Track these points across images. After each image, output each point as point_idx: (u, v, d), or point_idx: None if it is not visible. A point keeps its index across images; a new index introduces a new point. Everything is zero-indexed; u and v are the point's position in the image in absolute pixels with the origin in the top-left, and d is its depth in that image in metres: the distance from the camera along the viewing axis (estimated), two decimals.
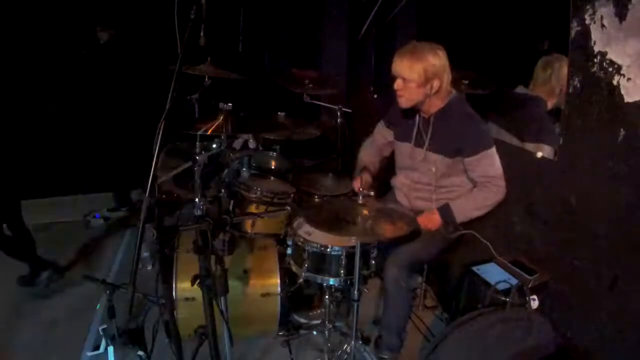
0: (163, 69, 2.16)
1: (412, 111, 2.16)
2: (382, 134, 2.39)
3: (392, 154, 2.39)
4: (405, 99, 2.03)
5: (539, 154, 2.14)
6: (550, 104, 2.34)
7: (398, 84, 2.01)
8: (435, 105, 2.07)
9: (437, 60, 1.96)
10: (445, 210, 2.08)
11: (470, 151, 2.00)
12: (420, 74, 1.95)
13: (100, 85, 3.61)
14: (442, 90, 2.02)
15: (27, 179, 4.12)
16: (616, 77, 1.64)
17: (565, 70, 2.25)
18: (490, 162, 2.01)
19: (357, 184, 2.25)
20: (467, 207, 2.08)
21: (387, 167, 2.48)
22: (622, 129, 1.65)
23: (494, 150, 2.01)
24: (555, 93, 2.32)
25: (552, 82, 2.32)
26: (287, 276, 2.29)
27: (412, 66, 1.95)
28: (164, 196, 4.10)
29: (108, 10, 3.62)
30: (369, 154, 2.46)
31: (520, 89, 2.42)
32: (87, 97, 3.65)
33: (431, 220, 2.09)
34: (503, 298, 1.92)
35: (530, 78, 2.43)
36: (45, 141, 4.17)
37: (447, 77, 2.01)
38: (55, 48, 3.93)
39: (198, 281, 1.55)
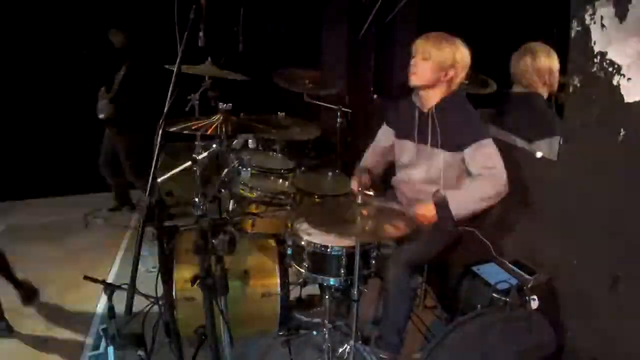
0: (163, 69, 2.17)
1: (411, 106, 2.17)
2: (385, 134, 2.38)
3: None
4: (417, 77, 2.05)
5: (539, 154, 2.14)
6: (544, 97, 2.33)
7: (416, 61, 2.03)
8: (434, 97, 2.08)
9: (465, 53, 2.02)
10: (441, 203, 1.99)
11: (468, 142, 2.00)
12: (446, 57, 1.99)
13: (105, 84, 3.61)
14: (451, 84, 2.06)
15: (27, 178, 4.15)
16: (616, 77, 1.64)
17: (540, 59, 2.25)
18: (488, 154, 1.98)
19: (354, 185, 2.24)
20: (465, 200, 1.98)
21: (388, 167, 2.48)
22: (622, 129, 1.65)
23: (490, 141, 1.99)
24: (540, 85, 2.30)
25: (528, 76, 2.30)
26: (287, 276, 2.29)
27: (442, 46, 1.99)
28: (163, 196, 4.11)
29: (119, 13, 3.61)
30: (372, 156, 2.45)
31: (516, 87, 2.42)
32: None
33: (426, 213, 2.01)
34: (503, 298, 1.91)
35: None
36: (46, 141, 4.18)
37: (462, 74, 2.05)
38: (62, 49, 3.94)
39: (198, 281, 1.55)
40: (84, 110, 3.71)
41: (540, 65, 2.26)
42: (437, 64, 1.99)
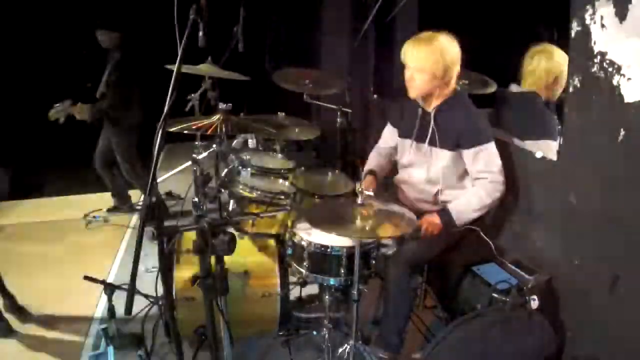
0: (163, 69, 2.17)
1: (413, 105, 2.16)
2: (390, 134, 2.38)
3: None
4: (416, 89, 2.02)
5: (539, 154, 2.14)
6: (542, 98, 2.33)
7: (412, 74, 1.98)
8: (437, 98, 2.07)
9: (454, 50, 1.97)
10: (445, 214, 2.06)
11: (469, 143, 2.00)
12: (438, 66, 1.94)
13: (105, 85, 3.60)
14: (451, 82, 2.04)
15: (27, 178, 4.15)
16: (616, 77, 1.64)
17: (553, 61, 2.25)
18: (489, 157, 2.00)
19: (368, 183, 2.22)
20: (466, 208, 2.06)
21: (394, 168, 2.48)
22: (622, 129, 1.64)
23: (492, 145, 2.01)
24: (544, 86, 2.29)
25: (537, 74, 2.29)
26: (287, 276, 2.29)
27: (429, 57, 1.93)
28: (163, 196, 4.12)
29: (111, 12, 3.60)
30: (377, 157, 2.44)
31: (513, 87, 2.42)
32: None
33: (432, 225, 2.06)
34: (503, 298, 1.91)
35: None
36: (45, 141, 4.18)
37: (456, 69, 2.02)
38: (58, 49, 3.95)
39: (198, 281, 1.55)
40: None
41: (552, 67, 2.26)
42: (432, 75, 1.97)
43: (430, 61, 1.94)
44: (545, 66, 2.27)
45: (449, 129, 2.04)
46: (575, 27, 1.81)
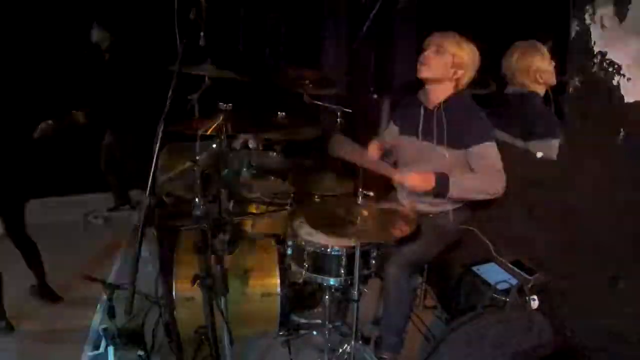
0: (163, 70, 2.16)
1: (416, 103, 2.17)
2: (390, 133, 2.38)
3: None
4: (427, 68, 2.04)
5: (539, 154, 2.14)
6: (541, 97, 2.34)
7: (429, 53, 2.03)
8: (441, 94, 2.08)
9: (476, 56, 2.05)
10: (442, 178, 2.00)
11: (473, 141, 2.00)
12: (463, 54, 2.01)
13: (100, 86, 3.61)
14: (458, 84, 2.07)
15: (27, 179, 4.14)
16: (616, 77, 1.64)
17: (525, 58, 2.28)
18: (492, 155, 1.99)
19: (373, 148, 2.23)
20: (465, 185, 2.00)
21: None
22: (622, 129, 1.65)
23: (494, 143, 2.01)
24: (531, 84, 2.30)
25: (517, 74, 2.32)
26: (287, 276, 2.29)
27: (461, 44, 2.01)
28: (164, 197, 4.11)
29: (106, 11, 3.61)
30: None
31: (511, 88, 2.42)
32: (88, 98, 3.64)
33: (424, 179, 1.99)
34: (503, 298, 1.92)
35: None
36: (45, 141, 4.17)
37: (470, 75, 2.07)
38: (55, 49, 3.94)
39: (198, 281, 1.55)
40: (83, 110, 3.71)
41: (526, 64, 2.27)
42: (450, 60, 2.01)
43: (458, 46, 2.01)
44: (519, 65, 2.31)
45: (454, 127, 2.04)
46: (575, 27, 1.81)
